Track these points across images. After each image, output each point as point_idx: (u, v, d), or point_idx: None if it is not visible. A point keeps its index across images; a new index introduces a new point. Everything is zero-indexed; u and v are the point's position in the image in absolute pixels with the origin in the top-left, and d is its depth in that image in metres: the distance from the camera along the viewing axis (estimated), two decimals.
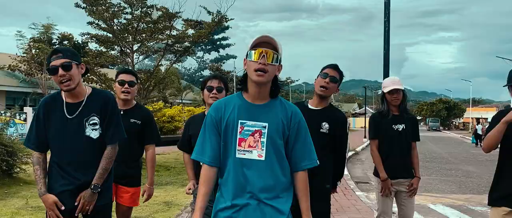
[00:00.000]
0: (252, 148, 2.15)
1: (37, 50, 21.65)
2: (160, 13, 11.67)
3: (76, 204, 2.77)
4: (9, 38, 31.76)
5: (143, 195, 3.94)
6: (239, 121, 2.17)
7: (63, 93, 2.82)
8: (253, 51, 2.13)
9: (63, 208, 2.74)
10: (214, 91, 3.36)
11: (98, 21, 11.49)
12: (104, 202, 2.90)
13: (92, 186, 2.77)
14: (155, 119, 5.67)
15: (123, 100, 3.72)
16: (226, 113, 2.19)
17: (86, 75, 3.19)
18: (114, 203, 3.57)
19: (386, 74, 5.97)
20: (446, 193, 9.10)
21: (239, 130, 2.16)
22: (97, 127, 2.82)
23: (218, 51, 57.07)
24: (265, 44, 2.14)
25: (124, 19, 11.92)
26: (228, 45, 57.48)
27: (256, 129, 2.16)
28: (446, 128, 63.65)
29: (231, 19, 12.28)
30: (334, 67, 3.28)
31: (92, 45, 16.24)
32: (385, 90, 3.92)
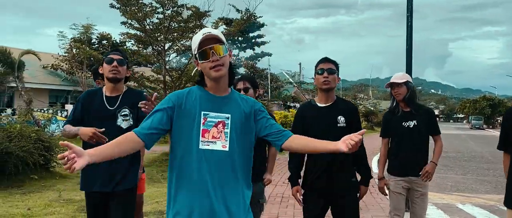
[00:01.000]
0: (216, 138, 2.15)
1: (78, 50, 22.51)
2: (190, 12, 11.90)
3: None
4: (53, 38, 33.23)
5: None
6: (202, 112, 2.16)
7: (103, 89, 3.26)
8: (201, 52, 2.12)
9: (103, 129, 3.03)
10: (242, 92, 3.47)
11: (131, 21, 11.86)
12: (130, 186, 3.18)
13: None
14: None
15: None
16: (187, 102, 2.17)
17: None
18: None
19: (408, 71, 5.85)
20: (479, 193, 8.80)
21: (202, 121, 2.15)
22: (128, 117, 3.20)
23: (253, 49, 57.20)
24: (209, 41, 2.13)
25: (157, 18, 12.24)
26: (263, 43, 57.44)
27: (220, 119, 2.17)
28: (490, 126, 61.16)
29: (259, 17, 12.41)
30: (326, 60, 3.30)
31: (129, 44, 16.84)
32: (391, 81, 3.90)
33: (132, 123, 3.19)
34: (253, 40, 56.70)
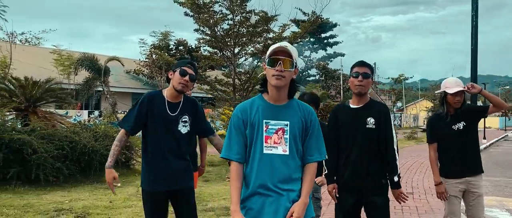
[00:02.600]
0: (277, 144, 2.44)
1: (157, 56, 23.99)
2: (258, 17, 12.27)
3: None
4: (135, 45, 35.71)
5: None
6: (264, 121, 2.46)
7: (164, 93, 3.40)
8: (271, 59, 2.41)
9: (119, 184, 3.35)
10: None
11: (203, 27, 12.51)
12: (190, 184, 3.46)
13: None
14: None
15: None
16: (251, 114, 2.48)
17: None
18: None
19: (474, 70, 5.68)
20: None
21: (264, 128, 2.45)
22: (187, 124, 3.40)
23: (326, 50, 56.70)
24: (281, 53, 2.41)
25: (227, 24, 12.79)
26: (336, 43, 56.77)
27: (279, 127, 2.45)
28: None
29: (326, 18, 12.41)
30: (362, 64, 3.36)
31: (204, 49, 17.69)
32: (449, 91, 3.79)
33: (189, 129, 3.40)
34: (325, 41, 56.22)
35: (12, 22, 24.64)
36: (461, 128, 3.82)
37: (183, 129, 3.38)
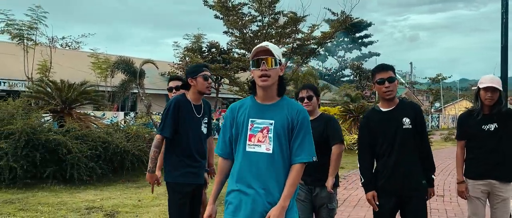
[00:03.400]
0: (261, 142, 2.45)
1: (189, 59, 24.38)
2: (287, 18, 12.30)
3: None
4: (170, 47, 36.65)
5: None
6: (250, 119, 2.49)
7: (188, 96, 3.69)
8: (254, 61, 2.45)
9: (160, 186, 3.68)
10: (306, 100, 3.75)
11: (232, 30, 12.68)
12: (203, 182, 3.80)
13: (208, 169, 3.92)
14: None
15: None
16: (239, 113, 2.54)
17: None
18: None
19: (504, 71, 5.48)
20: None
21: (249, 126, 2.48)
22: (206, 124, 3.75)
23: (360, 50, 55.92)
24: (263, 52, 2.46)
25: (256, 26, 12.90)
26: (371, 43, 55.91)
27: (264, 125, 2.47)
28: None
29: (356, 18, 12.27)
30: (383, 68, 3.34)
31: (234, 51, 17.90)
32: (481, 86, 3.70)
33: (207, 129, 3.76)
34: (360, 40, 55.47)
35: (52, 27, 25.60)
36: (492, 129, 3.68)
37: (204, 129, 3.71)
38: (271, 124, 2.46)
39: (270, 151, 2.44)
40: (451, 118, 51.77)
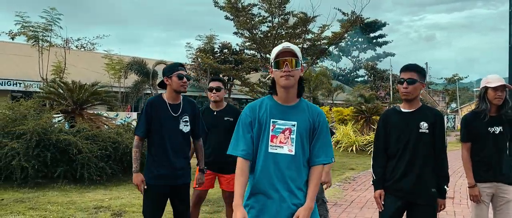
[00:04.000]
0: (283, 143, 2.42)
1: (202, 59, 24.52)
2: (296, 19, 12.28)
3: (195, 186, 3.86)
4: (182, 48, 37.16)
5: None
6: (271, 120, 2.45)
7: (164, 96, 3.70)
8: (277, 62, 2.43)
9: (146, 187, 3.58)
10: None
11: (242, 30, 12.70)
12: (187, 181, 3.74)
13: (201, 169, 3.87)
14: None
15: (215, 103, 4.44)
16: (260, 112, 2.49)
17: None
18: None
19: (511, 70, 5.39)
20: None
21: (271, 127, 2.44)
22: (188, 123, 3.68)
23: (375, 50, 55.45)
24: (286, 53, 2.43)
25: (266, 27, 12.90)
26: (385, 43, 55.37)
27: (286, 127, 2.44)
28: None
29: (367, 18, 12.20)
30: (407, 68, 3.27)
31: (246, 52, 17.94)
32: (490, 85, 3.61)
33: (189, 128, 3.70)
34: (374, 41, 55.01)
35: (67, 29, 25.96)
36: (497, 132, 3.63)
37: (185, 128, 3.67)
38: (293, 125, 2.45)
39: (293, 153, 2.43)
40: None
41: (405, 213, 3.33)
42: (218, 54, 25.47)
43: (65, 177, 8.10)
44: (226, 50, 25.63)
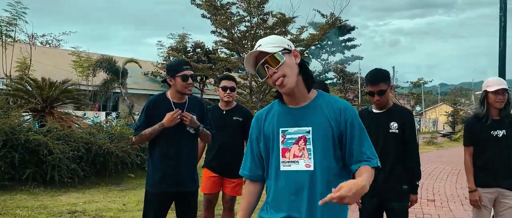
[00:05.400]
0: (298, 157, 1.89)
1: (174, 58, 24.05)
2: (275, 19, 12.16)
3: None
4: (153, 47, 36.22)
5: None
6: (280, 129, 1.94)
7: (168, 95, 3.39)
8: (258, 72, 1.93)
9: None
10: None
11: (220, 29, 12.47)
12: (195, 188, 3.44)
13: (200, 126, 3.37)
14: None
15: (226, 102, 4.21)
16: (265, 123, 2.01)
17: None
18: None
19: (502, 75, 5.41)
20: None
21: (280, 139, 1.93)
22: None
23: (343, 53, 56.21)
24: (260, 56, 1.91)
25: (244, 26, 12.71)
26: (354, 46, 56.24)
27: (300, 135, 1.90)
28: None
29: (345, 20, 12.22)
30: (375, 80, 3.33)
31: (221, 52, 17.69)
32: (490, 89, 3.56)
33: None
34: (343, 44, 55.78)
35: (32, 24, 24.94)
36: (500, 135, 3.57)
37: (191, 128, 3.37)
38: (308, 132, 1.89)
39: (311, 168, 1.87)
40: (432, 122, 52.47)
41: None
42: (191, 53, 25.06)
43: (34, 179, 7.62)
44: (199, 49, 25.25)
